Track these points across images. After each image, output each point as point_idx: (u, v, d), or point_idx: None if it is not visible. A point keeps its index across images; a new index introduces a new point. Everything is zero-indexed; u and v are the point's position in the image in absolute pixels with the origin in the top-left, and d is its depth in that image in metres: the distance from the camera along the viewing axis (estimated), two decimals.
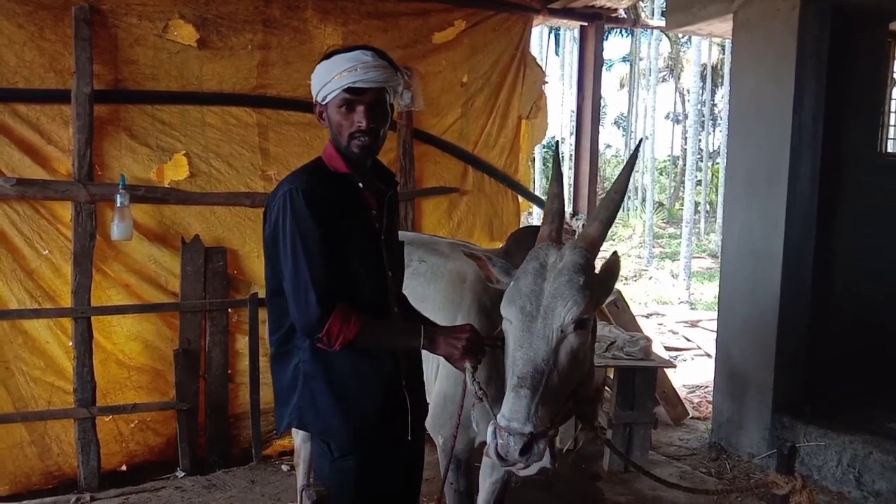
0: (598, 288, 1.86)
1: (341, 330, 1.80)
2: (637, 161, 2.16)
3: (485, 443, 2.38)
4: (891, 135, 5.11)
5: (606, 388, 4.76)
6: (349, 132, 1.89)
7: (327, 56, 1.91)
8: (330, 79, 1.86)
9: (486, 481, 2.65)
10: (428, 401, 2.62)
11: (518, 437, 1.63)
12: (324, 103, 1.92)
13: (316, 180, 1.90)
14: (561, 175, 2.09)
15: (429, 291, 2.76)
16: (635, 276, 15.00)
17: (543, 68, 5.62)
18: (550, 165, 2.26)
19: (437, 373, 2.60)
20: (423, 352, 2.00)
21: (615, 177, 2.07)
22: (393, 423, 2.00)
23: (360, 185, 1.96)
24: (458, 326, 1.96)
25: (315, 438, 2.02)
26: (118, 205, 3.79)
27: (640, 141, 2.42)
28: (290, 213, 1.83)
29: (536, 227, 2.50)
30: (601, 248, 1.94)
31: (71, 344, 3.82)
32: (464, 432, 2.45)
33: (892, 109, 5.10)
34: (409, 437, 2.03)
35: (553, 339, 1.74)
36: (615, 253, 1.96)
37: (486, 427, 2.28)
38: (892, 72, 5.08)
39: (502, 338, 1.94)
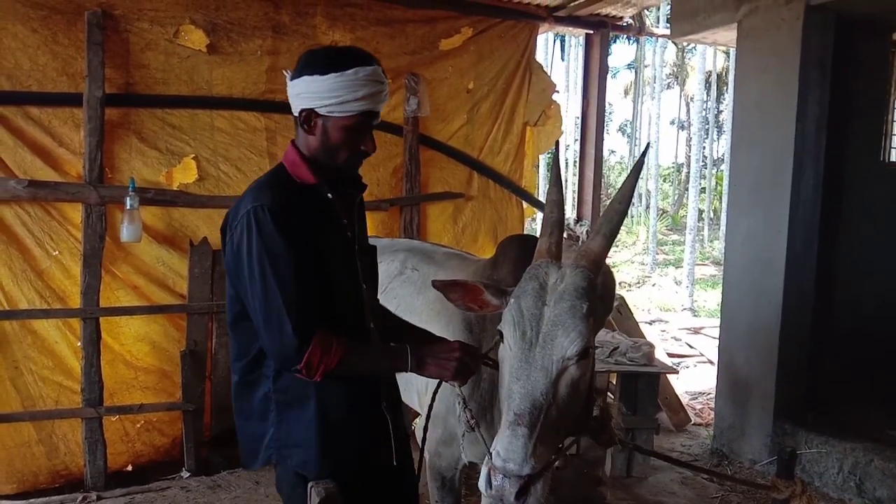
0: (600, 309, 1.72)
1: (322, 360, 1.65)
2: (643, 168, 1.97)
3: (471, 463, 2.32)
4: (894, 143, 5.13)
5: (609, 393, 4.79)
6: (353, 153, 1.79)
7: (331, 64, 1.71)
8: (355, 97, 1.70)
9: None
10: (420, 412, 2.57)
11: (514, 479, 1.49)
12: (325, 115, 1.74)
13: (282, 194, 1.71)
14: (560, 180, 1.91)
15: (417, 302, 2.69)
16: (639, 282, 15.01)
17: (549, 75, 5.66)
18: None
19: (427, 388, 2.47)
20: None
21: (619, 183, 1.94)
22: (376, 448, 1.89)
23: (329, 195, 1.80)
24: (447, 346, 1.81)
25: (287, 472, 1.85)
26: (128, 207, 3.84)
27: (647, 147, 2.25)
28: (255, 233, 1.65)
29: (524, 237, 2.43)
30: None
31: (79, 344, 3.86)
32: (448, 449, 2.38)
33: (895, 118, 5.13)
34: (395, 463, 1.91)
35: (553, 372, 1.58)
36: (622, 298, 1.79)
37: (474, 450, 2.22)
38: (895, 81, 5.11)
39: (489, 356, 1.87)
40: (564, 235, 1.90)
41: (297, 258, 1.68)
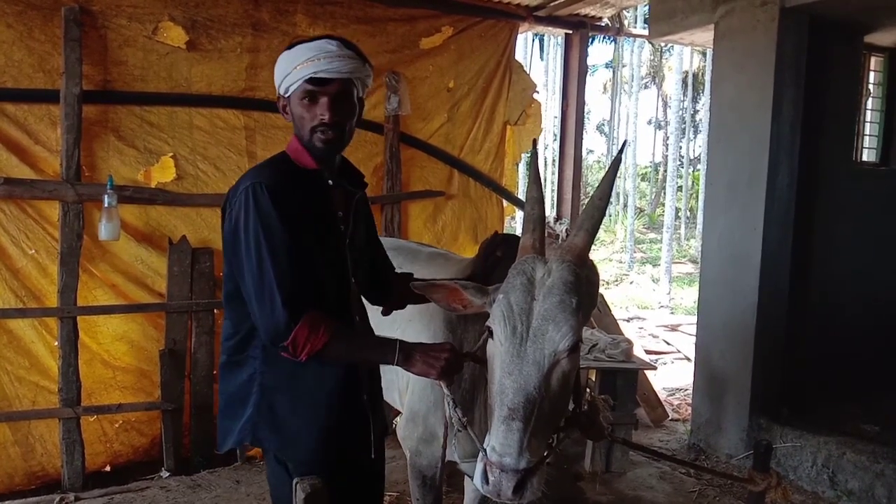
0: (587, 303, 1.72)
1: (308, 339, 1.66)
2: (620, 165, 2.00)
3: (454, 462, 2.33)
4: (865, 144, 5.25)
5: (588, 389, 4.83)
6: (311, 125, 1.78)
7: (290, 46, 1.80)
8: (291, 69, 1.75)
9: (470, 492, 2.66)
10: (401, 410, 2.58)
11: (511, 473, 1.50)
12: (286, 96, 1.81)
13: (281, 175, 1.77)
14: (539, 178, 1.92)
15: None
16: (617, 280, 15.14)
17: (529, 74, 5.69)
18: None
19: (407, 385, 2.51)
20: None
21: (597, 182, 1.96)
22: (354, 440, 1.91)
23: (329, 182, 1.85)
24: (437, 345, 1.82)
25: (270, 462, 1.89)
26: (106, 205, 3.80)
27: (624, 144, 2.23)
28: (253, 209, 1.69)
29: (506, 236, 2.45)
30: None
31: (56, 344, 3.82)
32: (428, 448, 2.39)
33: (867, 119, 5.24)
34: (373, 456, 1.95)
35: (545, 366, 1.59)
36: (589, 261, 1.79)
37: (460, 448, 2.23)
38: (868, 82, 5.22)
39: (475, 354, 1.88)
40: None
41: (292, 236, 1.70)
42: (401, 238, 4.66)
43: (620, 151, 2.02)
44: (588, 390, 4.78)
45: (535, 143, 2.25)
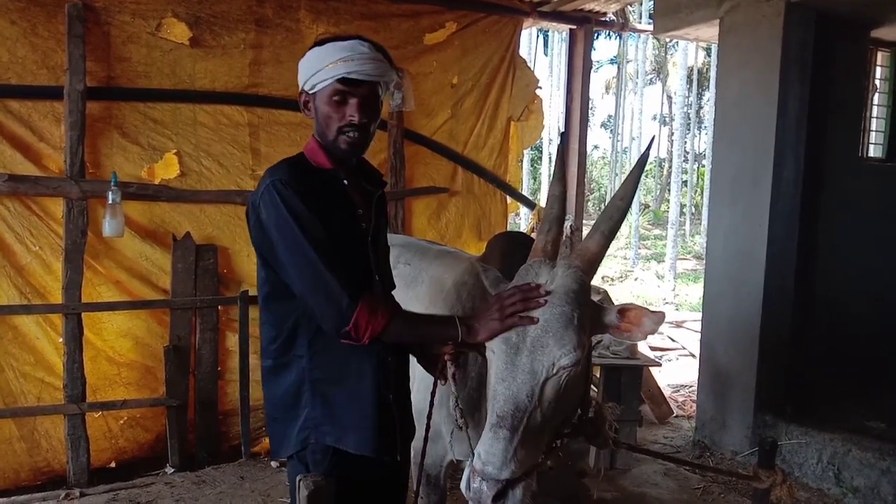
0: (593, 316, 1.66)
1: (370, 322, 1.61)
2: (647, 162, 1.85)
3: (458, 461, 2.32)
4: (872, 139, 5.22)
5: (593, 386, 4.82)
6: (339, 125, 1.76)
7: (320, 43, 1.78)
8: (322, 67, 1.72)
9: None
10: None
11: (492, 482, 1.47)
12: (312, 92, 1.78)
13: (298, 172, 1.75)
14: (564, 175, 1.84)
15: (407, 296, 2.65)
16: (621, 276, 15.11)
17: (533, 70, 5.68)
18: (553, 163, 1.91)
19: (415, 388, 2.45)
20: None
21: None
22: (380, 440, 1.84)
23: (345, 182, 1.83)
24: (485, 306, 1.70)
25: (291, 463, 1.85)
26: (110, 202, 3.81)
27: (652, 139, 2.11)
28: (281, 205, 1.66)
29: (512, 234, 2.43)
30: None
31: (61, 340, 3.83)
32: (433, 447, 2.33)
33: (874, 115, 5.21)
34: (398, 457, 1.89)
35: (541, 377, 1.54)
36: (605, 293, 1.75)
37: (460, 448, 2.22)
38: (874, 78, 5.19)
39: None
40: None
41: (325, 225, 1.68)
42: (405, 234, 4.66)
43: (647, 148, 1.91)
44: (595, 391, 4.78)
45: (562, 139, 2.15)
